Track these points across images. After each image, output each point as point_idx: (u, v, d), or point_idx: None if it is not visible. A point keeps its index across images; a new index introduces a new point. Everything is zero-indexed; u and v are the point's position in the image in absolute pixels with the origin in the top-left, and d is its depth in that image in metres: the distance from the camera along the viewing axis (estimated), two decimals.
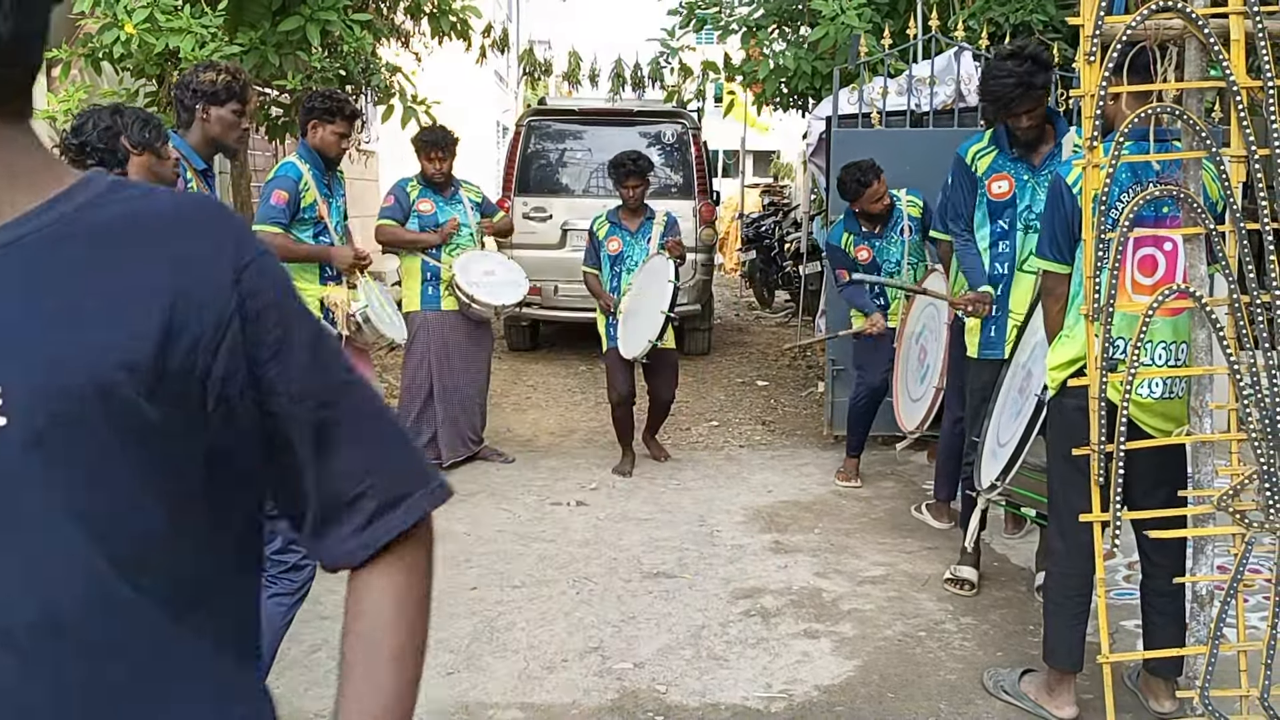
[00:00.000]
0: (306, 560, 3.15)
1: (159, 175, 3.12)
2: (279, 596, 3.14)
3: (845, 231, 5.82)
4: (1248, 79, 2.82)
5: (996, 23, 7.15)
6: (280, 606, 3.14)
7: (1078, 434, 3.11)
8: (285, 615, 3.17)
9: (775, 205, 14.53)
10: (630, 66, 12.90)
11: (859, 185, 5.57)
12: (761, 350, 10.52)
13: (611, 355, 6.18)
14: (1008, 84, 3.99)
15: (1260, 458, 2.84)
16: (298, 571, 3.15)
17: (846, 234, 5.81)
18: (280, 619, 3.15)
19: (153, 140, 3.11)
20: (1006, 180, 4.25)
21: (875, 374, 5.80)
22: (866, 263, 5.77)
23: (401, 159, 8.12)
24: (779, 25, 8.82)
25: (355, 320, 5.02)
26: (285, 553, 3.12)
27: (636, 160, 6.15)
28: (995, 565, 4.70)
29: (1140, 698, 3.43)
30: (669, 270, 5.88)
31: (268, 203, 4.85)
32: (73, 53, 5.85)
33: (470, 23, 8.23)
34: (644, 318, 5.95)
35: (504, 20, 17.67)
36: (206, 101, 3.87)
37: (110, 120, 3.06)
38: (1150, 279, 3.09)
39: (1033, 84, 3.98)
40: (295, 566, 3.14)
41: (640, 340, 5.90)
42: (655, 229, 6.19)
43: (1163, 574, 3.27)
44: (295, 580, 3.15)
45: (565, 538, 5.06)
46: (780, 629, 4.05)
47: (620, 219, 6.20)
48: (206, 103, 3.87)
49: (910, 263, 5.70)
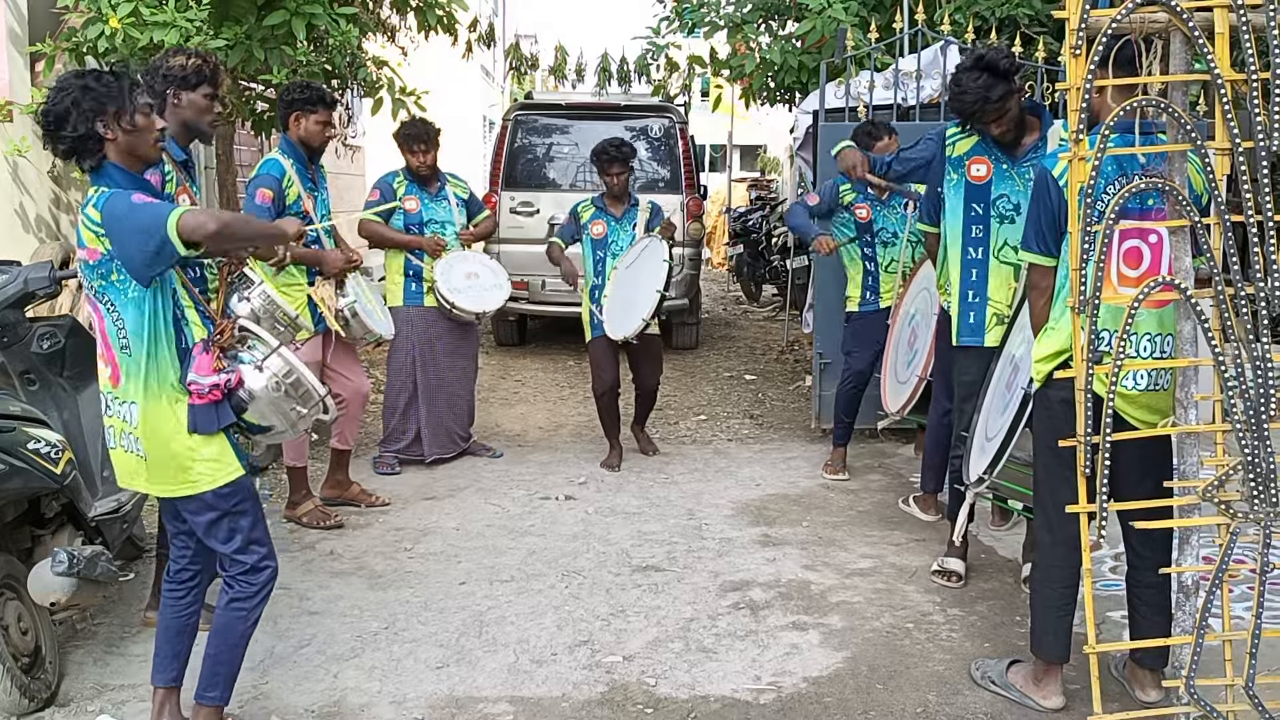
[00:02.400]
0: (265, 563, 3.08)
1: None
2: (236, 603, 3.05)
3: (849, 181, 5.60)
4: (1232, 72, 2.83)
5: (982, 16, 7.18)
6: (239, 612, 3.05)
7: (1063, 426, 3.12)
8: (245, 621, 3.07)
9: (762, 200, 14.54)
10: (617, 61, 12.87)
11: (869, 138, 5.51)
12: (749, 344, 10.54)
13: (596, 344, 6.17)
14: (968, 100, 4.02)
15: (1245, 448, 2.87)
16: (255, 574, 3.05)
17: (850, 184, 5.66)
18: (240, 625, 3.07)
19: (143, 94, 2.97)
20: (985, 164, 4.23)
21: (863, 359, 5.81)
22: (864, 221, 5.74)
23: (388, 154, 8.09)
24: (765, 20, 8.83)
25: (343, 316, 5.01)
26: (245, 551, 3.04)
27: (620, 147, 6.13)
28: (982, 557, 4.72)
29: (1126, 687, 3.46)
30: (663, 250, 5.89)
31: (253, 202, 4.84)
32: (56, 46, 5.82)
33: (456, 17, 8.20)
34: (638, 295, 5.93)
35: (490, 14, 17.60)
36: (178, 86, 3.84)
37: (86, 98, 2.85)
38: (1135, 271, 3.10)
39: (989, 97, 3.98)
40: (253, 568, 3.05)
41: (634, 319, 5.91)
42: (640, 216, 6.20)
43: (1148, 565, 3.29)
44: (253, 583, 3.05)
45: (554, 532, 5.06)
46: (769, 621, 4.07)
47: (606, 205, 6.20)
48: (178, 87, 3.84)
49: (911, 240, 5.65)
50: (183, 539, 3.17)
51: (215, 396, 2.94)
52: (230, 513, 3.02)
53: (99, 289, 2.90)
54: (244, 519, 3.05)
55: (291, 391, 3.14)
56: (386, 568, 4.59)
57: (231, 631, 3.08)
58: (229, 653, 3.09)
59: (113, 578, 3.44)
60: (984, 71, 3.97)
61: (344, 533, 5.02)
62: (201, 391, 2.92)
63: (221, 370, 2.97)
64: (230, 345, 3.05)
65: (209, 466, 2.97)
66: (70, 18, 5.73)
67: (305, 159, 5.03)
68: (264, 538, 3.11)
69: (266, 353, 3.10)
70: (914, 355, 5.26)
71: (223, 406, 2.97)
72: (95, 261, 2.86)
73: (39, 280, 3.75)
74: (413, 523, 5.18)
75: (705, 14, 8.70)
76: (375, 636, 3.91)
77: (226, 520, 3.03)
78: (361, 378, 5.33)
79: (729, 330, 11.54)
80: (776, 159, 25.09)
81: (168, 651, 3.15)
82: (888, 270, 5.73)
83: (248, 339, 3.12)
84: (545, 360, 9.59)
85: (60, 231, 6.57)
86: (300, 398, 3.18)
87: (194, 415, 2.93)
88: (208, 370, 2.94)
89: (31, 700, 3.27)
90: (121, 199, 2.82)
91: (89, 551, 3.32)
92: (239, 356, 3.06)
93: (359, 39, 7.01)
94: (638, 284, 5.97)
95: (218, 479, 2.98)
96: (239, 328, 3.10)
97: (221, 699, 3.11)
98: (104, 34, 5.49)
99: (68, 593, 3.26)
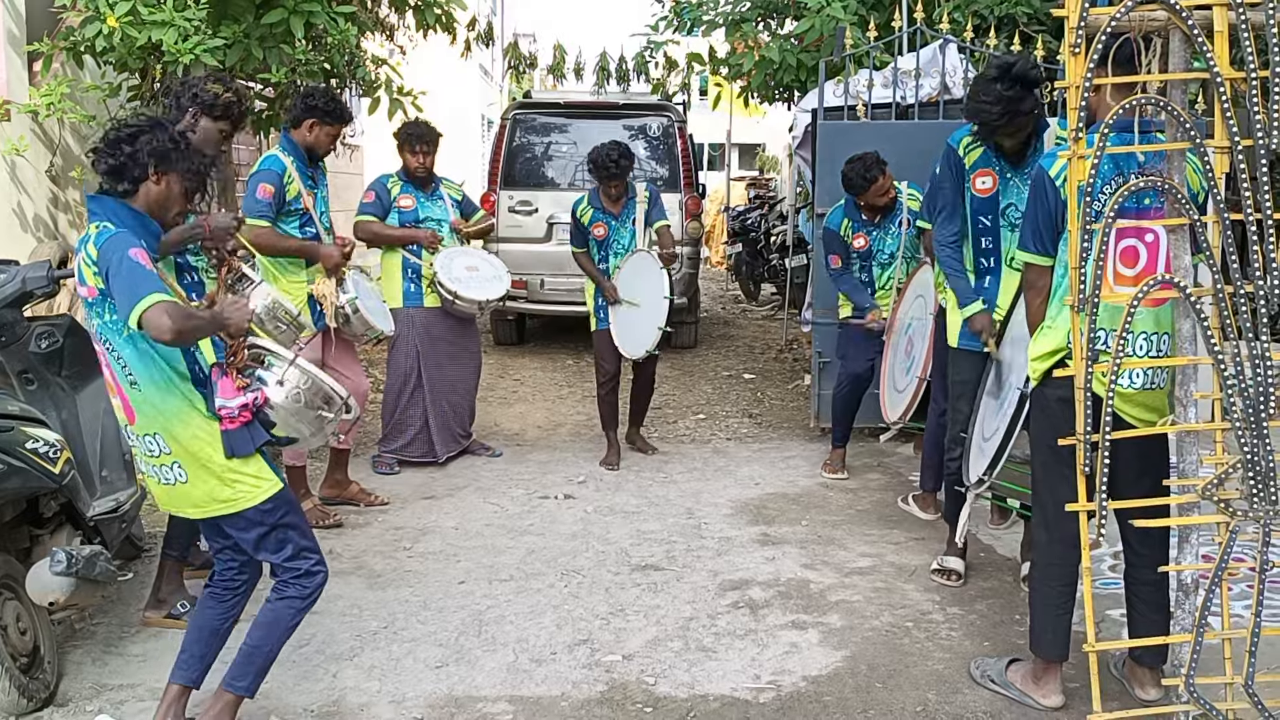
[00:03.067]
0: (318, 567, 3.13)
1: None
2: (290, 599, 3.10)
3: (845, 218, 5.80)
4: (1231, 70, 2.83)
5: (981, 15, 7.17)
6: (290, 609, 3.11)
7: (1060, 424, 3.12)
8: (293, 619, 3.13)
9: (761, 198, 14.53)
10: (615, 60, 12.87)
11: (865, 180, 5.54)
12: (748, 343, 10.54)
13: (600, 335, 6.21)
14: (994, 111, 3.83)
15: (1244, 447, 2.86)
16: (310, 578, 3.11)
17: (846, 220, 5.80)
18: (289, 620, 3.12)
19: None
20: (990, 177, 4.18)
21: (859, 362, 5.82)
22: (862, 250, 5.77)
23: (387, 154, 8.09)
24: (763, 18, 8.83)
25: (344, 312, 5.01)
26: (297, 559, 3.08)
27: (618, 161, 5.97)
28: (981, 556, 4.72)
29: (1126, 686, 3.46)
30: (663, 284, 5.88)
31: (254, 196, 4.84)
32: (54, 46, 5.81)
33: (455, 16, 8.20)
34: (639, 326, 5.99)
35: (489, 13, 17.60)
36: (203, 110, 3.87)
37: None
38: (1132, 270, 3.10)
39: (1019, 110, 3.83)
40: (307, 573, 3.10)
41: (637, 348, 6.02)
42: (639, 208, 6.17)
43: (1147, 563, 3.29)
44: (307, 586, 3.11)
45: (553, 531, 5.06)
46: (768, 620, 4.06)
47: (602, 202, 6.19)
48: (202, 111, 3.86)
49: (905, 255, 5.70)
50: (228, 553, 3.19)
51: (246, 418, 2.96)
52: (277, 525, 3.05)
53: (98, 328, 2.92)
54: (291, 530, 3.08)
55: (314, 400, 3.16)
56: (385, 567, 4.58)
57: (278, 625, 3.11)
58: (271, 644, 3.11)
59: (111, 577, 3.44)
60: (1015, 83, 3.79)
61: (343, 532, 5.02)
62: (232, 415, 2.93)
63: (247, 389, 2.99)
64: (245, 365, 3.05)
65: (249, 485, 2.98)
66: (68, 17, 5.72)
67: (306, 159, 5.04)
68: (314, 544, 3.15)
69: (284, 366, 3.11)
70: (911, 362, 5.25)
71: (254, 426, 2.99)
72: (92, 300, 2.88)
73: (37, 279, 3.74)
74: (412, 522, 5.18)
75: (703, 12, 8.69)
76: (374, 636, 3.91)
77: (275, 533, 3.05)
78: (361, 376, 5.33)
79: (728, 329, 11.53)
80: (775, 158, 25.09)
81: (196, 652, 3.16)
82: (884, 287, 5.79)
83: (262, 356, 3.13)
84: (544, 359, 9.58)
85: (58, 230, 6.56)
86: (324, 403, 3.20)
87: (229, 440, 2.94)
88: (232, 393, 2.95)
89: (30, 700, 3.26)
90: (117, 249, 2.80)
91: (87, 551, 3.31)
92: (257, 374, 3.07)
93: (357, 38, 7.00)
94: (641, 314, 5.98)
95: (258, 496, 3.00)
96: (249, 345, 3.10)
97: (249, 690, 3.12)
98: (102, 33, 5.48)
99: (66, 592, 3.25)
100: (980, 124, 3.97)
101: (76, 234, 6.49)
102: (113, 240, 2.82)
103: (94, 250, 2.83)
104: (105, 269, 2.80)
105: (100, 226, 2.87)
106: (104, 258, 2.80)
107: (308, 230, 5.00)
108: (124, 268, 2.77)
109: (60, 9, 5.75)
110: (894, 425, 5.53)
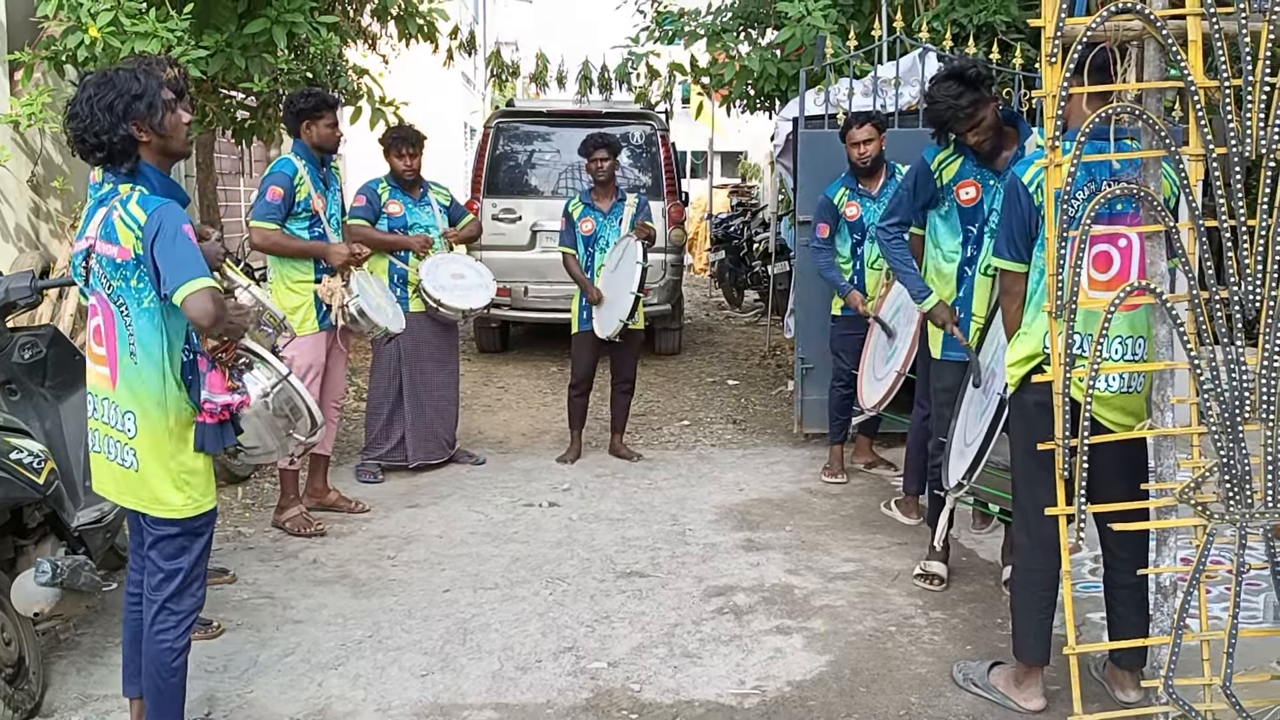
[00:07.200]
0: (198, 589, 2.99)
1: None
2: (163, 633, 2.93)
3: (842, 186, 5.83)
4: (1205, 79, 2.87)
5: (960, 24, 7.22)
6: (163, 643, 2.93)
7: (1038, 429, 3.16)
8: (177, 657, 2.94)
9: (743, 206, 14.58)
10: (597, 69, 12.88)
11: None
12: (732, 350, 10.56)
13: (579, 338, 6.33)
14: (940, 109, 4.09)
15: (1221, 451, 2.90)
16: (182, 598, 2.95)
17: (843, 189, 5.83)
18: (171, 660, 2.94)
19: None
20: (974, 187, 4.28)
21: (852, 360, 5.84)
22: (854, 220, 5.78)
23: (369, 161, 8.09)
24: (744, 28, 8.86)
25: (350, 312, 5.05)
26: (183, 574, 2.95)
27: (603, 133, 6.39)
28: (963, 560, 4.75)
29: (1106, 688, 3.49)
30: (637, 252, 6.02)
31: (263, 199, 5.00)
32: (35, 55, 5.79)
33: (437, 24, 8.22)
34: (616, 297, 6.10)
35: (471, 22, 17.62)
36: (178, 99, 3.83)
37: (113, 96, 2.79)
38: (1105, 275, 3.14)
39: (959, 104, 4.03)
40: (181, 591, 2.95)
41: (612, 320, 6.09)
42: (627, 210, 6.33)
43: (1126, 566, 3.32)
44: (176, 610, 2.94)
45: (538, 538, 5.07)
46: (753, 626, 4.08)
47: (593, 200, 6.31)
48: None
49: None
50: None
51: (224, 416, 2.93)
52: (191, 533, 2.96)
53: (116, 289, 2.82)
54: (198, 542, 2.98)
55: (290, 417, 3.16)
56: (370, 575, 4.58)
57: (161, 663, 2.95)
58: (171, 690, 2.97)
59: (96, 587, 3.43)
60: (952, 80, 4.04)
61: (327, 541, 5.01)
62: (214, 410, 2.90)
63: (235, 390, 2.96)
64: (232, 364, 3.02)
65: (193, 493, 2.92)
66: (49, 26, 5.70)
67: (318, 161, 5.14)
68: (204, 570, 3.03)
69: (270, 374, 3.11)
70: (893, 352, 5.30)
71: (226, 427, 2.95)
72: (122, 261, 2.78)
73: (20, 290, 3.74)
74: (396, 530, 5.17)
75: (685, 24, 8.72)
76: (359, 644, 3.91)
77: (182, 539, 2.95)
78: (342, 383, 5.37)
79: (711, 336, 11.56)
80: (757, 165, 25.14)
81: (138, 663, 3.06)
82: (873, 267, 5.76)
83: (251, 361, 3.12)
84: (528, 367, 9.59)
85: (40, 241, 6.54)
86: (296, 422, 3.20)
87: (202, 433, 2.90)
88: (220, 389, 2.92)
89: (15, 711, 3.25)
90: (171, 220, 2.73)
91: (72, 561, 3.31)
92: (244, 377, 3.06)
93: (340, 47, 7.01)
94: (616, 287, 6.13)
95: (201, 507, 2.95)
96: (241, 348, 3.09)
97: None
98: (84, 43, 5.46)
99: (51, 603, 3.25)
100: (938, 126, 4.18)
101: (58, 244, 6.46)
102: (165, 209, 2.75)
103: (139, 211, 2.73)
104: (151, 235, 2.71)
105: (140, 190, 2.79)
106: (153, 223, 2.72)
107: (315, 231, 5.08)
108: (179, 242, 2.71)
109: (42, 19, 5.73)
110: (868, 411, 5.58)
